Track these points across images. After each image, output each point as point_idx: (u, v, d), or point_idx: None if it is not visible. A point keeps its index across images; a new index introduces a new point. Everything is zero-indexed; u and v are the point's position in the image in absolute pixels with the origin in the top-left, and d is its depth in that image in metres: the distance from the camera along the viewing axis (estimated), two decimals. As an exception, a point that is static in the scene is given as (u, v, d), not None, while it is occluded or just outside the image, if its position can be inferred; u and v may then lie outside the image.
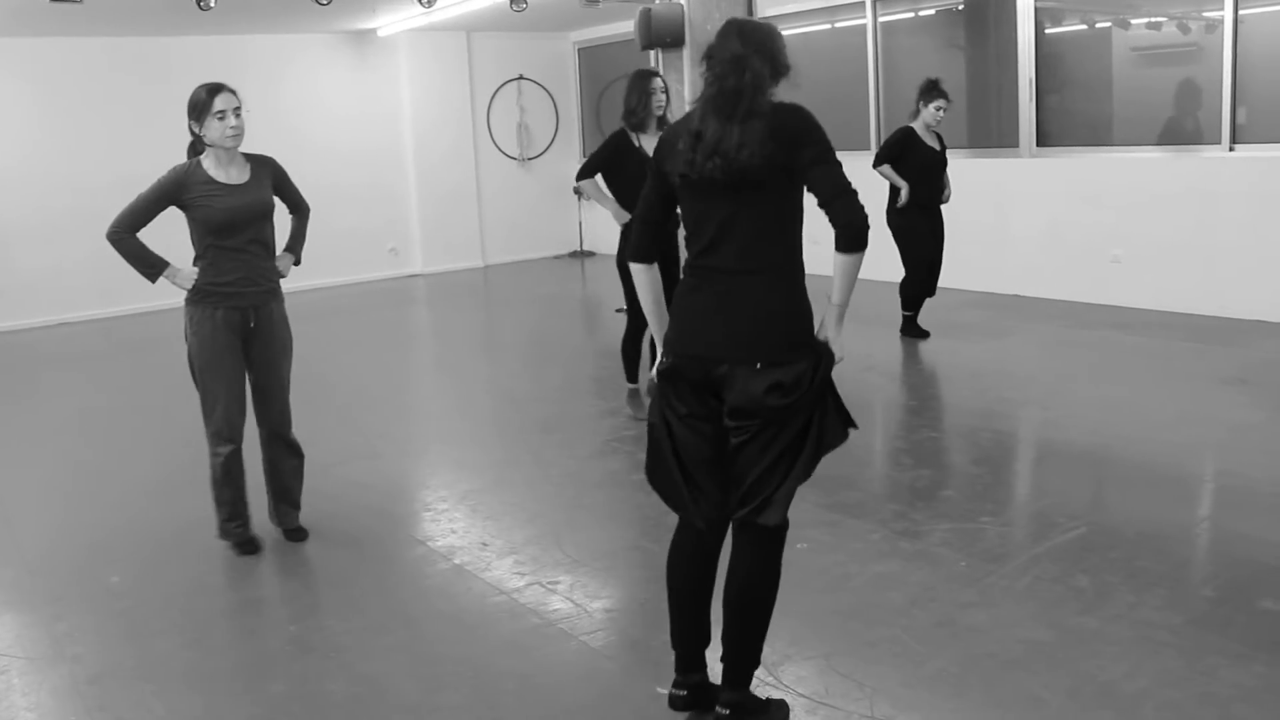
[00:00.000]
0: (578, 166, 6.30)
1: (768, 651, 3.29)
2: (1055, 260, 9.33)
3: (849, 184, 2.85)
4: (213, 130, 4.34)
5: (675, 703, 3.20)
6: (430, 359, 9.28)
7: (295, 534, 4.80)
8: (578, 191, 6.40)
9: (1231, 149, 8.16)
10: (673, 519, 2.89)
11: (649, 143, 5.91)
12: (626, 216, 5.84)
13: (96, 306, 11.31)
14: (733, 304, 2.91)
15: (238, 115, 4.36)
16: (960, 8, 10.60)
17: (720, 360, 2.90)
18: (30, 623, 4.17)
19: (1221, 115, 8.17)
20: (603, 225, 13.84)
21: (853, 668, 3.44)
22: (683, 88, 9.43)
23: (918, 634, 3.65)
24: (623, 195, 6.04)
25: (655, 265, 3.17)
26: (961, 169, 10.10)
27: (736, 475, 2.98)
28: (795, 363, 2.86)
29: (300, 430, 4.80)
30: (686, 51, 9.31)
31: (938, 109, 7.76)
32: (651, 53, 10.72)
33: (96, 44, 11.20)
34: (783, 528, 3.00)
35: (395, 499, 5.37)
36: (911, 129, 7.88)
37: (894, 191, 7.84)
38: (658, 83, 6.10)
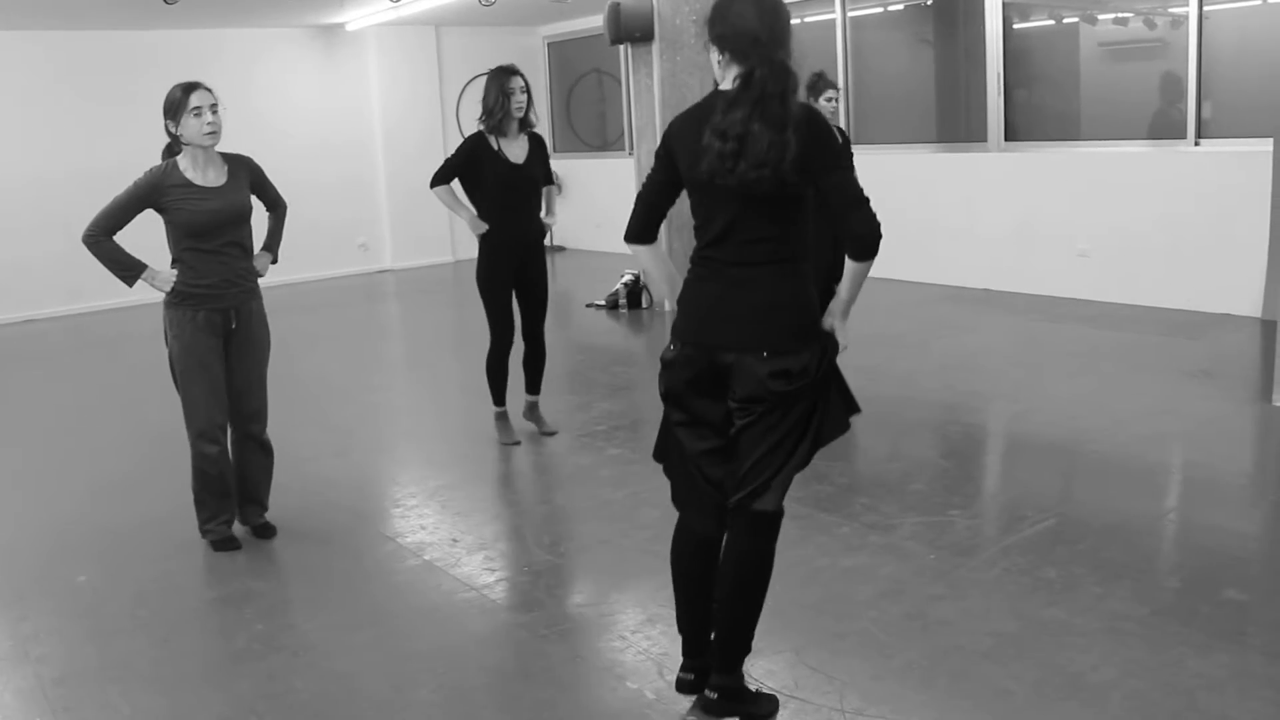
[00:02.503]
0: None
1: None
2: (1024, 254, 9.38)
3: (862, 193, 2.85)
4: (189, 128, 4.29)
5: (682, 686, 3.22)
6: (400, 355, 9.25)
7: (262, 530, 4.78)
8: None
9: (1197, 143, 8.23)
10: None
11: (510, 146, 5.60)
12: (484, 227, 5.63)
13: (63, 303, 11.21)
14: (740, 295, 2.93)
15: (214, 112, 4.32)
16: (929, 3, 10.64)
17: (727, 349, 2.93)
18: (-6, 623, 4.13)
19: (1187, 110, 8.24)
20: (573, 220, 13.84)
21: (822, 661, 3.44)
22: (652, 81, 9.43)
23: (887, 627, 3.66)
24: (481, 204, 5.68)
25: (658, 243, 3.18)
26: (930, 164, 10.17)
27: (736, 459, 2.99)
28: (800, 351, 2.89)
29: (269, 427, 4.77)
30: (656, 46, 9.32)
31: (829, 99, 7.57)
32: (621, 48, 10.74)
33: (61, 38, 11.09)
34: (777, 516, 3.01)
35: (364, 495, 5.35)
36: None
37: None
38: (518, 81, 5.60)
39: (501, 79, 5.58)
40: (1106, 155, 8.81)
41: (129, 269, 4.41)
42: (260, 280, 4.66)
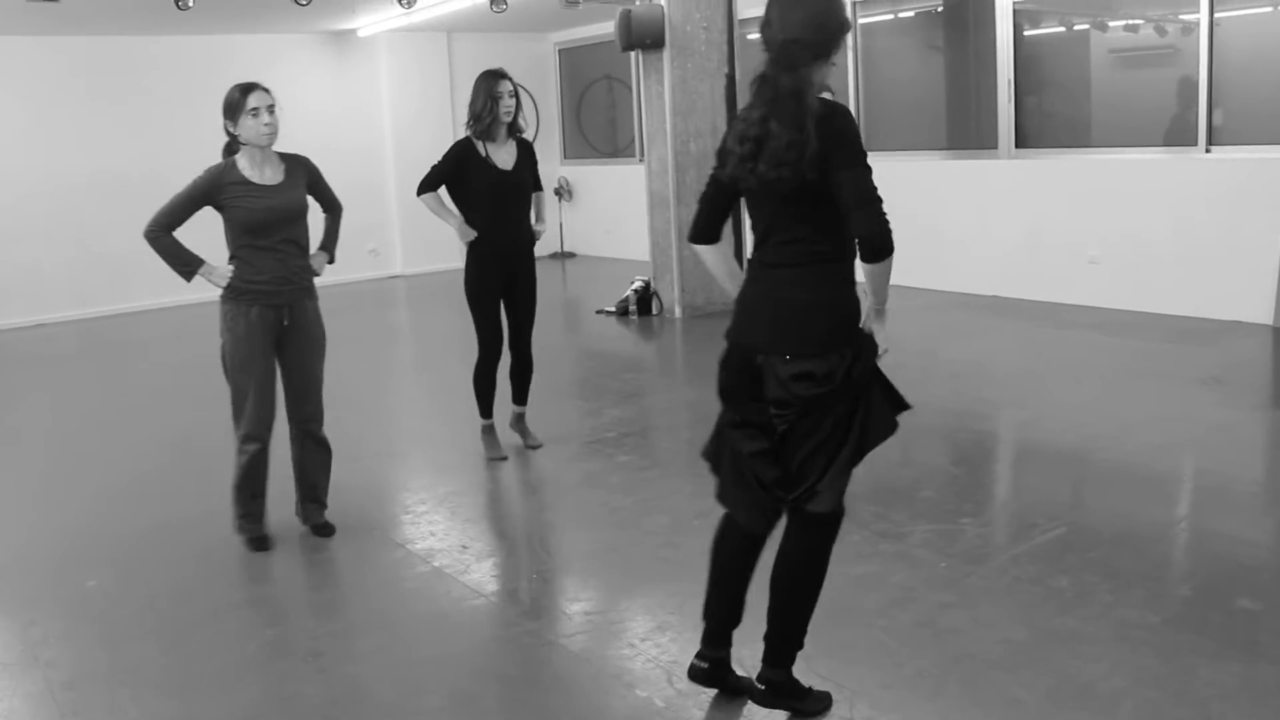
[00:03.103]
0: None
1: (746, 653, 3.30)
2: (1034, 261, 9.36)
3: (874, 192, 2.81)
4: (247, 128, 4.40)
5: (694, 673, 3.24)
6: (411, 360, 9.26)
7: (322, 529, 4.82)
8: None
9: (1208, 150, 8.20)
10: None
11: (498, 152, 5.53)
12: (472, 234, 5.55)
13: (73, 307, 11.24)
14: (772, 295, 2.97)
15: (271, 112, 4.42)
16: (939, 10, 10.63)
17: (757, 350, 2.96)
18: (3, 628, 4.13)
19: (1198, 117, 8.22)
20: (584, 226, 13.85)
21: (832, 669, 3.43)
22: (663, 88, 9.44)
23: (897, 635, 3.65)
24: (469, 211, 5.56)
25: (721, 243, 3.21)
26: (941, 170, 10.16)
27: (783, 462, 3.01)
28: (825, 355, 2.89)
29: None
30: (667, 53, 9.33)
31: None
32: (632, 54, 10.74)
33: (76, 43, 11.13)
34: (833, 517, 3.04)
35: (374, 501, 5.35)
36: None
37: None
38: (506, 85, 5.49)
39: (490, 83, 5.50)
40: (1117, 162, 8.79)
41: (188, 264, 4.48)
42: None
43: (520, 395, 6.02)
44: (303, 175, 4.66)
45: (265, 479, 4.70)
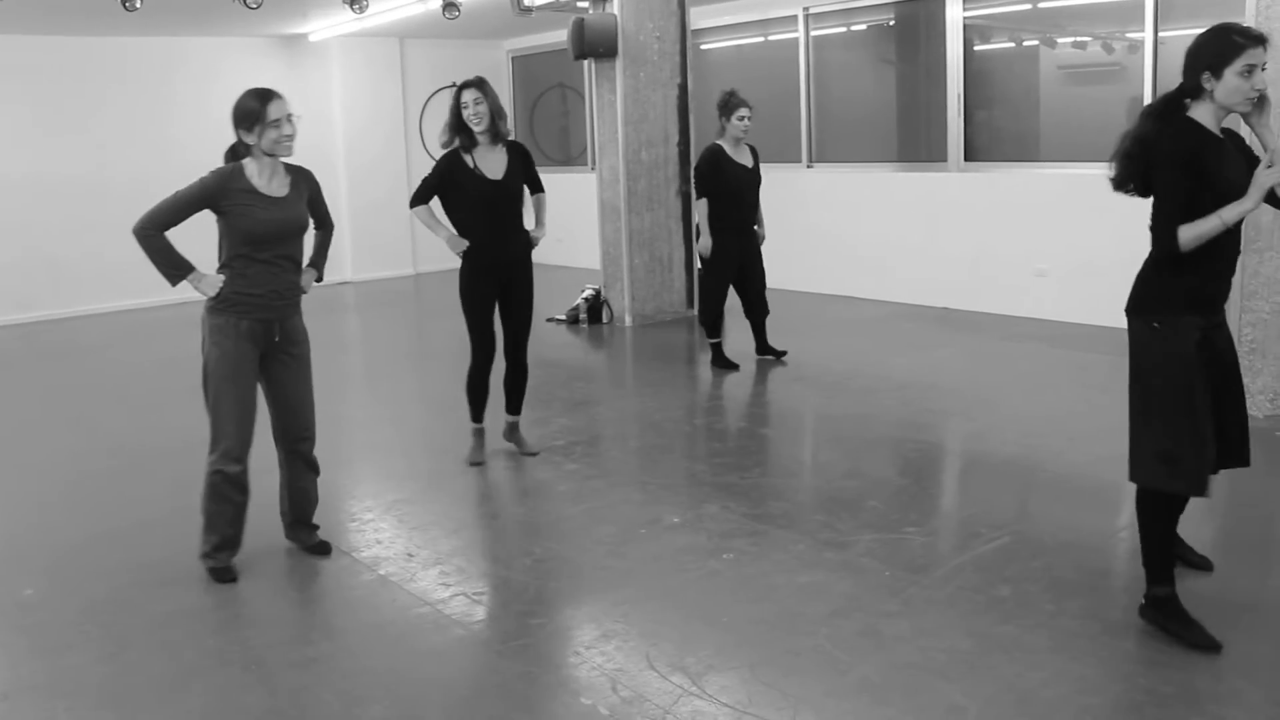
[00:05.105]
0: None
1: (692, 660, 3.30)
2: (983, 274, 9.47)
3: None
4: (269, 139, 4.25)
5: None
6: (359, 368, 9.19)
7: (319, 549, 4.68)
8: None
9: (1152, 166, 8.31)
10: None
11: (485, 161, 5.49)
12: (463, 245, 5.51)
13: (15, 311, 11.05)
14: None
15: (291, 122, 4.29)
16: (891, 24, 10.74)
17: None
18: (-63, 637, 4.05)
19: (1143, 133, 8.33)
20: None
21: (776, 677, 3.45)
22: (615, 97, 9.46)
23: (841, 643, 3.67)
24: (462, 221, 5.56)
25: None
26: (891, 183, 10.25)
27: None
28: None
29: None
30: (619, 62, 9.35)
31: (740, 119, 7.47)
32: (585, 63, 10.76)
33: (20, 42, 10.96)
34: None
35: (320, 509, 5.27)
36: (720, 146, 7.54)
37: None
38: (470, 93, 5.41)
39: (455, 96, 5.47)
40: (1065, 176, 8.90)
41: (177, 268, 4.26)
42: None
43: (514, 405, 6.00)
44: (305, 189, 4.51)
45: (246, 504, 4.47)
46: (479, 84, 5.48)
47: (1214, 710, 3.18)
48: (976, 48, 9.66)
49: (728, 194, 7.52)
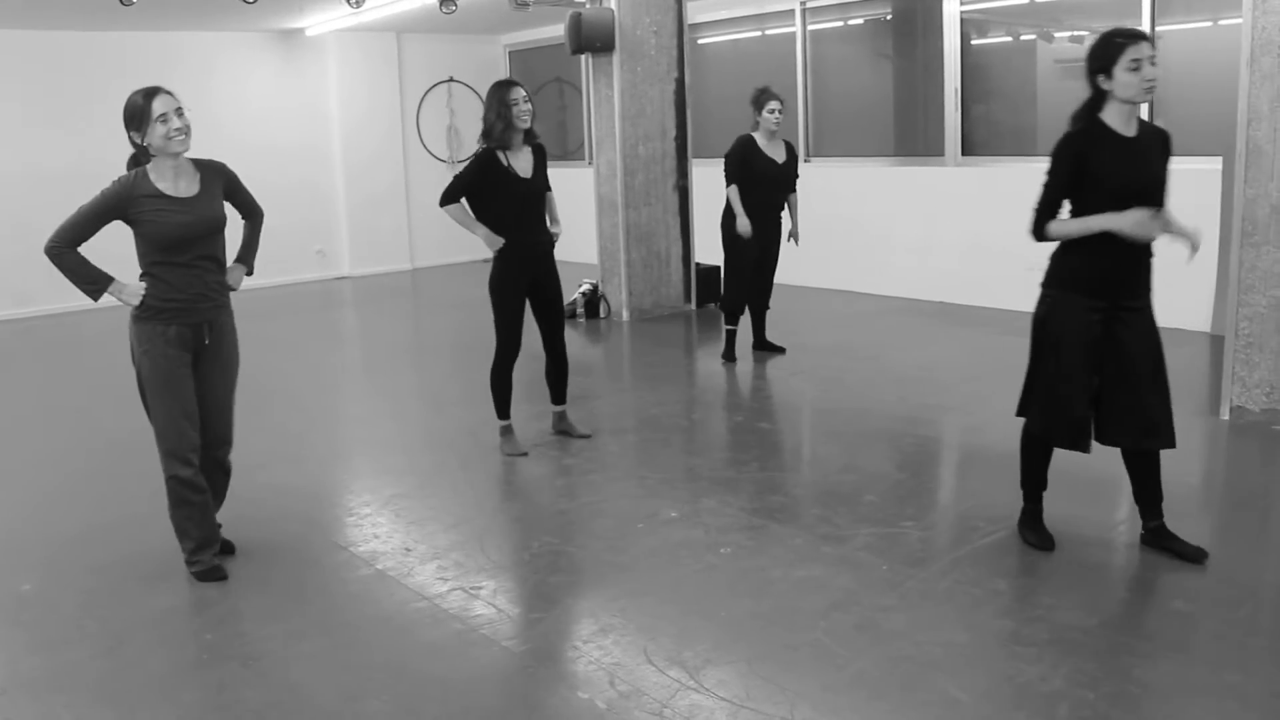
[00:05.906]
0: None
1: (690, 655, 3.31)
2: (980, 268, 9.47)
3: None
4: (156, 136, 4.07)
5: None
6: (357, 363, 9.18)
7: (225, 547, 4.64)
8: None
9: (1149, 160, 8.32)
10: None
11: (517, 160, 5.55)
12: (500, 242, 5.57)
13: (12, 307, 11.06)
14: None
15: (180, 116, 4.10)
16: (888, 18, 10.73)
17: None
18: (-65, 632, 4.05)
19: (1139, 127, 8.33)
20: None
21: (774, 671, 3.45)
22: (612, 92, 9.45)
23: (838, 637, 3.68)
24: (496, 220, 5.59)
25: None
26: (888, 177, 10.24)
27: None
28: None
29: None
30: (617, 56, 9.34)
31: (771, 111, 7.61)
32: (582, 57, 10.74)
33: (14, 36, 10.95)
34: None
35: (318, 504, 5.30)
36: (751, 137, 7.65)
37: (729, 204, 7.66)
38: (519, 91, 5.50)
39: (501, 92, 5.50)
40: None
41: (94, 282, 4.18)
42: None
43: (559, 395, 6.17)
44: (219, 184, 4.31)
45: (208, 502, 4.42)
46: (519, 83, 5.60)
47: (1211, 704, 3.18)
48: (973, 42, 9.65)
49: (754, 185, 7.61)
